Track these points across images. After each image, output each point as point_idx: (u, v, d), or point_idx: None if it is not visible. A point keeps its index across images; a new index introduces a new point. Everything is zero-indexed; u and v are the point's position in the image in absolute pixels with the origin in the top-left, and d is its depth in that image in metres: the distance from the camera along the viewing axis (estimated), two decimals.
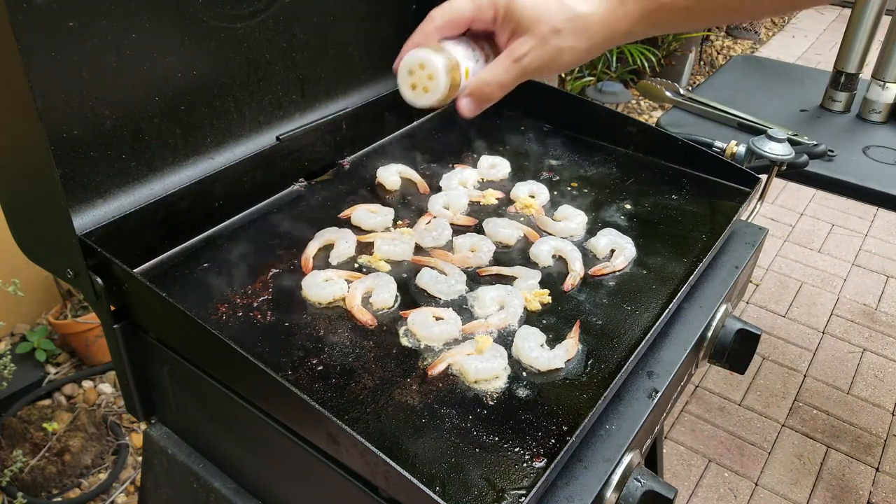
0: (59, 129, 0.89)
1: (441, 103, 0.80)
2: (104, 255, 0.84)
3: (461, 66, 0.78)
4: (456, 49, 0.79)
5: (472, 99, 0.82)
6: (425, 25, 0.81)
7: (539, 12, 0.77)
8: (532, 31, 0.77)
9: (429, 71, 0.77)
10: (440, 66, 0.76)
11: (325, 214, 1.16)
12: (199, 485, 0.96)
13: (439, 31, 0.81)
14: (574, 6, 0.77)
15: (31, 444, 2.00)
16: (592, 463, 0.79)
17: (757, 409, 2.43)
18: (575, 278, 1.03)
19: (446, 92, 0.78)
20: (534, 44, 0.78)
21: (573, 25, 0.77)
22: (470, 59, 0.80)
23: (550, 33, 0.77)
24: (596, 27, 0.77)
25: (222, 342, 0.75)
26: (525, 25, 0.77)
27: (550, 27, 0.77)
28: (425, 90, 0.79)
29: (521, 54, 0.78)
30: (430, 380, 0.86)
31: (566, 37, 0.77)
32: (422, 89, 0.79)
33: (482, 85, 0.81)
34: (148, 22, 0.94)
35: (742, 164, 1.37)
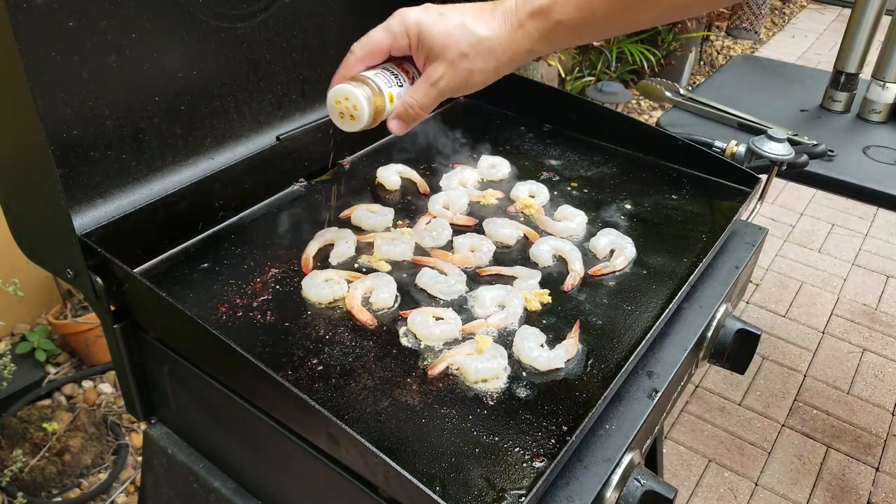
0: (59, 129, 0.89)
1: (369, 127, 0.88)
2: (104, 255, 0.84)
3: (384, 92, 0.87)
4: (379, 77, 0.88)
5: (400, 120, 0.91)
6: (348, 58, 0.90)
7: (446, 39, 0.85)
8: (442, 56, 0.85)
9: (352, 102, 0.85)
10: (362, 98, 0.85)
11: (325, 214, 1.16)
12: (199, 485, 0.96)
13: (361, 61, 0.89)
14: (476, 31, 0.84)
15: (31, 444, 2.00)
16: (592, 463, 0.79)
17: (757, 409, 2.43)
18: (575, 278, 1.03)
19: (371, 118, 0.87)
20: (445, 68, 0.86)
21: (478, 49, 0.84)
22: (394, 85, 0.88)
23: (459, 58, 0.85)
24: (499, 49, 0.85)
25: (222, 342, 0.75)
26: (436, 52, 0.86)
27: (458, 52, 0.85)
28: (352, 118, 0.87)
29: (436, 78, 0.87)
30: (430, 380, 0.86)
31: (473, 60, 0.85)
32: (349, 117, 0.87)
33: (406, 108, 0.90)
34: (148, 22, 0.94)
35: (742, 164, 1.37)
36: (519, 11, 0.84)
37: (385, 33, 0.88)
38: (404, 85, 0.89)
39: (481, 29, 0.84)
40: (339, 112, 0.87)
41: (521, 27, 0.84)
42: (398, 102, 0.89)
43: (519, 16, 0.84)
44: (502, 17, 0.85)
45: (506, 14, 0.85)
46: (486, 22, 0.85)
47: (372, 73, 0.88)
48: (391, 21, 0.88)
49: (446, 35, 0.84)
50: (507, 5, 0.85)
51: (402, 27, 0.87)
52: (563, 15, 0.82)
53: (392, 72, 0.89)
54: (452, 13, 0.86)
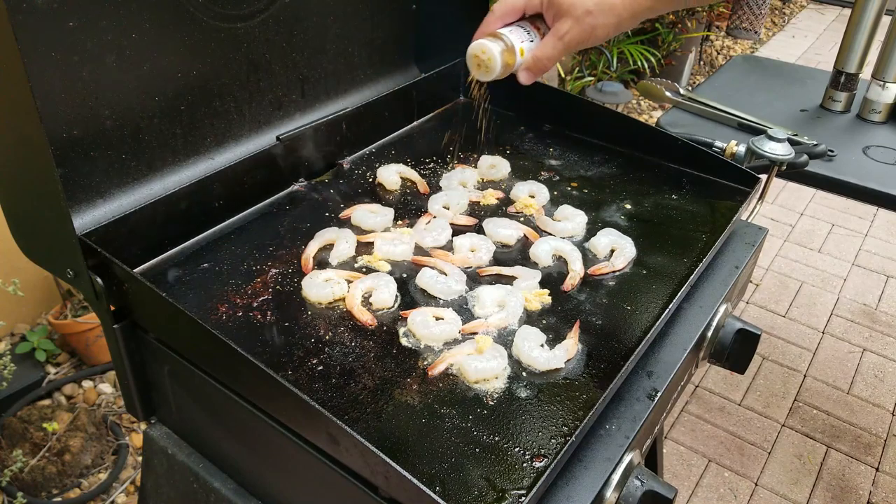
0: (59, 129, 0.89)
1: (502, 76, 1.00)
2: (104, 255, 0.84)
3: (516, 47, 0.98)
4: (512, 34, 0.98)
5: (529, 71, 1.01)
6: (488, 17, 1.01)
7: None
8: (569, 13, 0.95)
9: (488, 55, 0.97)
10: (496, 52, 0.96)
11: (325, 214, 1.16)
12: (199, 485, 0.96)
13: (499, 19, 1.00)
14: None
15: (31, 444, 2.00)
16: (592, 463, 0.79)
17: (757, 409, 2.43)
18: (575, 278, 1.03)
19: (502, 70, 0.98)
20: (571, 23, 0.96)
21: (601, 7, 0.94)
22: (525, 40, 0.99)
23: (584, 14, 0.95)
24: (620, 6, 0.94)
25: (222, 342, 0.75)
26: (564, 10, 0.96)
27: (584, 9, 0.95)
28: (486, 69, 0.98)
29: (563, 33, 0.97)
30: (430, 380, 0.86)
31: (597, 16, 0.95)
32: (484, 68, 0.98)
33: (536, 60, 1.00)
34: (148, 22, 0.94)
35: (742, 164, 1.37)
36: None
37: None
38: (535, 40, 1.00)
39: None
40: (476, 64, 0.99)
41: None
42: (528, 55, 0.99)
43: None
44: None
45: None
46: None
47: (507, 29, 0.99)
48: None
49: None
50: None
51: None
52: None
53: (524, 28, 0.99)
54: None
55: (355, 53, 1.32)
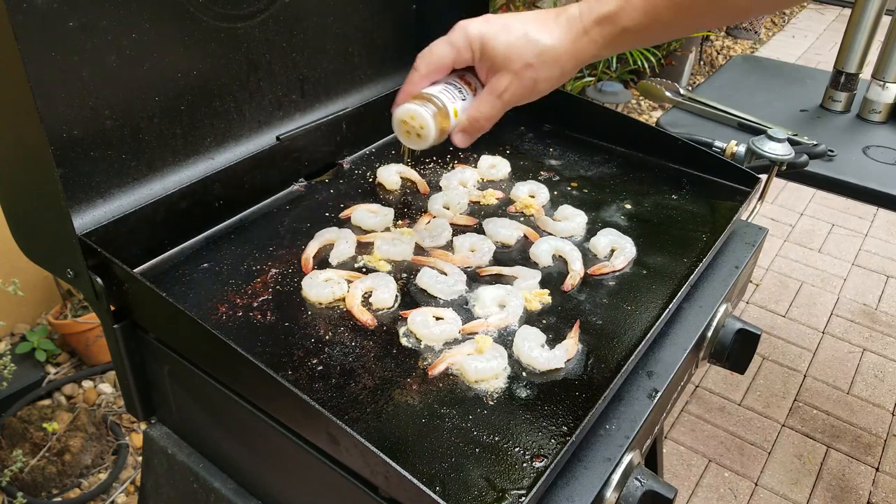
0: (59, 129, 0.89)
1: (436, 143, 0.90)
2: (104, 255, 0.84)
3: (449, 108, 0.88)
4: (443, 94, 0.89)
5: (465, 133, 0.92)
6: (412, 76, 0.91)
7: (510, 50, 0.85)
8: (507, 67, 0.86)
9: (419, 122, 0.87)
10: (428, 117, 0.86)
11: (325, 214, 1.16)
12: (199, 485, 0.96)
13: (425, 78, 0.90)
14: (541, 40, 0.84)
15: (31, 444, 2.00)
16: (592, 463, 0.79)
17: (757, 409, 2.43)
18: (575, 278, 1.03)
19: (437, 136, 0.88)
20: (510, 79, 0.87)
21: (543, 59, 0.85)
22: (457, 99, 0.89)
23: (524, 68, 0.85)
24: (564, 57, 0.85)
25: (222, 342, 0.75)
26: (500, 63, 0.86)
27: (523, 62, 0.85)
28: (419, 137, 0.88)
29: (501, 89, 0.88)
30: (430, 380, 0.86)
31: (539, 69, 0.85)
32: (415, 136, 0.89)
33: (472, 121, 0.90)
34: (148, 22, 0.94)
35: (742, 164, 1.37)
36: (584, 19, 0.84)
37: (448, 48, 0.88)
38: (467, 98, 0.90)
39: (545, 38, 0.84)
40: (405, 131, 0.89)
41: (587, 34, 0.84)
42: (463, 116, 0.90)
43: (584, 23, 0.84)
44: (567, 24, 0.84)
45: (570, 21, 0.84)
46: (549, 30, 0.84)
47: (436, 89, 0.89)
48: (453, 35, 0.88)
49: (510, 46, 0.85)
50: (571, 12, 0.85)
51: (466, 41, 0.87)
52: (629, 21, 0.82)
53: (455, 85, 0.90)
54: (515, 23, 0.86)
55: (355, 53, 1.32)
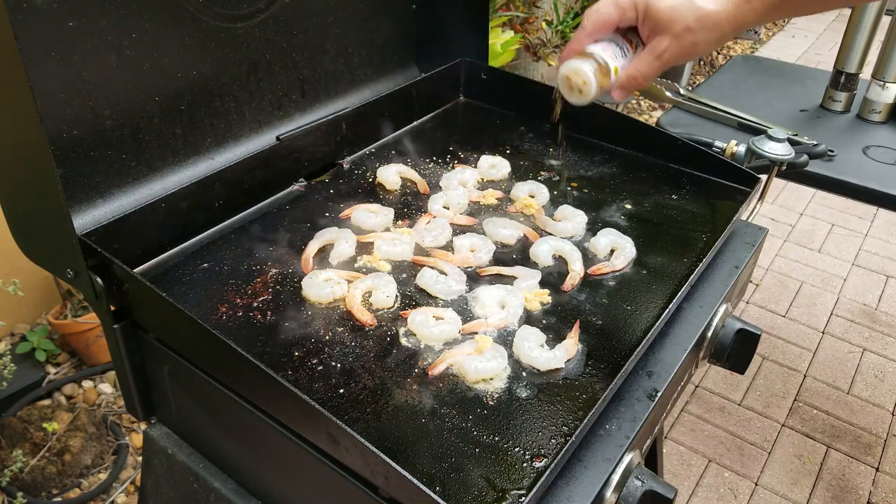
0: (59, 129, 0.89)
1: (595, 99, 0.94)
2: (104, 255, 0.84)
3: (610, 66, 0.92)
4: (605, 51, 0.92)
5: (624, 89, 0.95)
6: (578, 33, 0.94)
7: (672, 13, 0.88)
8: (668, 30, 0.89)
9: (582, 77, 0.91)
10: (590, 74, 0.90)
11: (325, 214, 1.16)
12: (199, 485, 0.96)
13: (590, 35, 0.93)
14: (703, 5, 0.87)
15: (31, 444, 2.00)
16: (592, 463, 0.79)
17: (757, 409, 2.43)
18: (575, 278, 1.03)
19: (597, 93, 0.92)
20: (670, 41, 0.90)
21: (704, 23, 0.87)
22: (618, 57, 0.93)
23: (684, 31, 0.88)
24: (724, 22, 0.88)
25: (222, 342, 0.75)
26: (662, 25, 0.89)
27: (684, 26, 0.88)
28: (580, 92, 0.92)
29: (661, 51, 0.91)
30: (430, 380, 0.86)
31: (698, 32, 0.88)
32: (577, 91, 0.93)
33: (630, 78, 0.94)
34: (148, 22, 0.94)
35: (742, 164, 1.37)
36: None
37: (614, 8, 0.91)
38: (628, 55, 0.94)
39: (708, 3, 0.87)
40: (568, 86, 0.93)
41: (749, 2, 0.86)
42: (622, 72, 0.93)
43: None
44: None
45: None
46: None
47: (599, 46, 0.92)
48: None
49: (672, 10, 0.87)
50: None
51: (631, 2, 0.90)
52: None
53: (617, 44, 0.93)
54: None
55: (355, 53, 1.32)
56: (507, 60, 2.47)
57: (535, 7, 2.97)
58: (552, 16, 3.16)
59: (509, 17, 2.78)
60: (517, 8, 2.88)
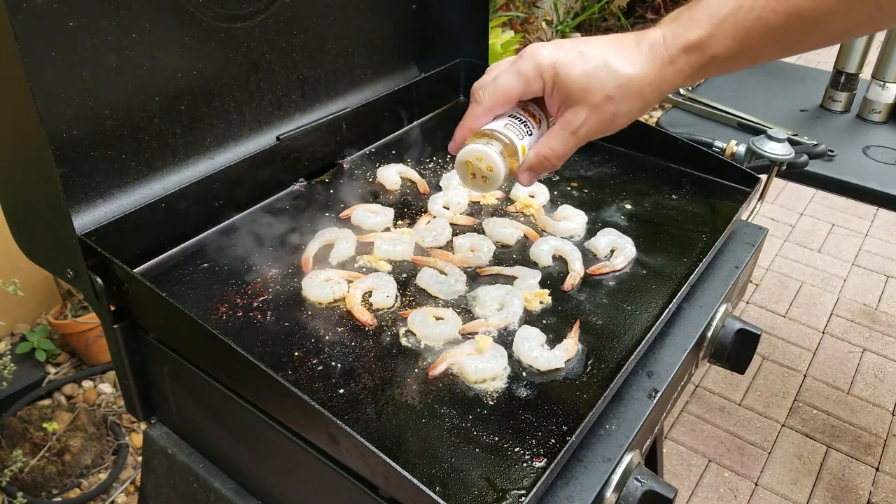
0: (59, 129, 0.89)
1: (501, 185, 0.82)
2: (104, 255, 0.84)
3: (517, 146, 0.80)
4: (508, 129, 0.81)
5: (533, 171, 0.84)
6: (474, 110, 0.82)
7: (588, 81, 0.77)
8: (584, 100, 0.77)
9: (486, 163, 0.79)
10: (496, 157, 0.78)
11: (325, 214, 1.16)
12: (199, 485, 0.96)
13: (489, 112, 0.81)
14: (622, 70, 0.76)
15: (31, 444, 2.00)
16: (592, 463, 0.79)
17: (757, 409, 2.43)
18: (575, 278, 1.03)
19: (505, 177, 0.80)
20: (587, 113, 0.78)
21: (625, 91, 0.77)
22: (524, 134, 0.81)
23: (603, 101, 0.77)
24: (647, 88, 0.77)
25: (222, 342, 0.75)
26: (575, 96, 0.78)
27: (603, 95, 0.77)
28: (485, 180, 0.81)
29: (577, 125, 0.79)
30: (430, 380, 0.86)
31: (619, 102, 0.77)
32: (481, 179, 0.81)
33: (542, 159, 0.82)
34: (148, 22, 0.94)
35: (742, 164, 1.37)
36: (669, 46, 0.76)
37: (516, 78, 0.80)
38: (533, 132, 0.83)
39: (627, 67, 0.76)
40: (469, 173, 0.81)
41: (673, 63, 0.76)
42: (530, 153, 0.82)
43: (670, 51, 0.76)
44: (650, 51, 0.77)
45: (654, 49, 0.77)
46: (631, 58, 0.77)
47: (499, 124, 0.81)
48: (522, 63, 0.79)
49: (588, 77, 0.76)
50: (653, 38, 0.77)
51: (536, 70, 0.79)
52: (720, 49, 0.74)
53: (520, 119, 0.82)
54: (591, 50, 0.77)
55: (355, 53, 1.32)
56: None
57: (535, 7, 2.97)
58: (552, 16, 3.16)
59: (509, 17, 2.78)
60: (517, 8, 2.88)
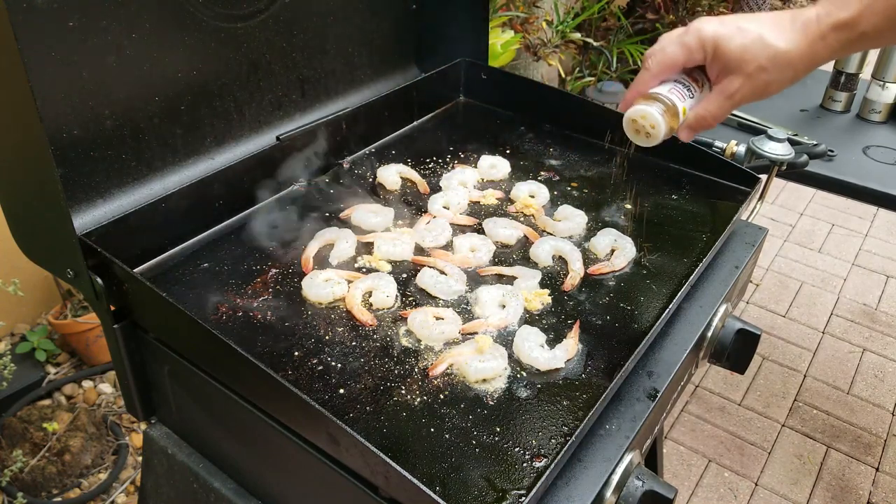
0: (59, 129, 0.89)
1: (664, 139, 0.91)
2: (104, 255, 0.84)
3: (678, 107, 0.88)
4: (672, 93, 0.89)
5: (692, 130, 0.92)
6: (642, 75, 0.90)
7: (745, 52, 0.84)
8: (740, 69, 0.85)
9: (650, 121, 0.88)
10: (659, 117, 0.87)
11: (325, 214, 1.16)
12: (199, 485, 0.96)
13: (656, 77, 0.90)
14: (775, 44, 0.83)
15: (31, 444, 2.00)
16: (592, 463, 0.79)
17: (757, 409, 2.43)
18: (575, 278, 1.03)
19: (666, 134, 0.89)
20: (742, 81, 0.86)
21: (777, 63, 0.84)
22: (686, 98, 0.90)
23: (757, 70, 0.84)
24: (797, 61, 0.84)
25: (222, 342, 0.75)
26: (733, 66, 0.85)
27: (756, 65, 0.84)
28: (648, 136, 0.89)
29: (732, 91, 0.87)
30: (430, 380, 0.86)
31: (771, 72, 0.84)
32: (645, 135, 0.90)
33: (700, 119, 0.91)
34: (148, 22, 0.94)
35: (742, 164, 1.37)
36: (821, 23, 0.82)
37: (680, 49, 0.88)
38: (695, 95, 0.90)
39: (781, 42, 0.83)
40: (634, 129, 0.90)
41: (823, 39, 0.82)
42: (691, 113, 0.90)
43: (821, 28, 0.82)
44: (803, 28, 0.83)
45: (807, 25, 0.83)
46: (785, 34, 0.83)
47: (665, 88, 0.89)
48: (686, 36, 0.88)
49: (744, 49, 0.84)
50: (808, 16, 0.83)
51: (699, 42, 0.87)
52: (869, 26, 0.80)
53: (683, 83, 0.90)
54: (750, 25, 0.85)
55: (355, 53, 1.32)
56: (507, 60, 2.47)
57: (535, 7, 2.97)
58: (552, 16, 3.16)
59: (509, 17, 2.78)
60: (517, 8, 2.88)
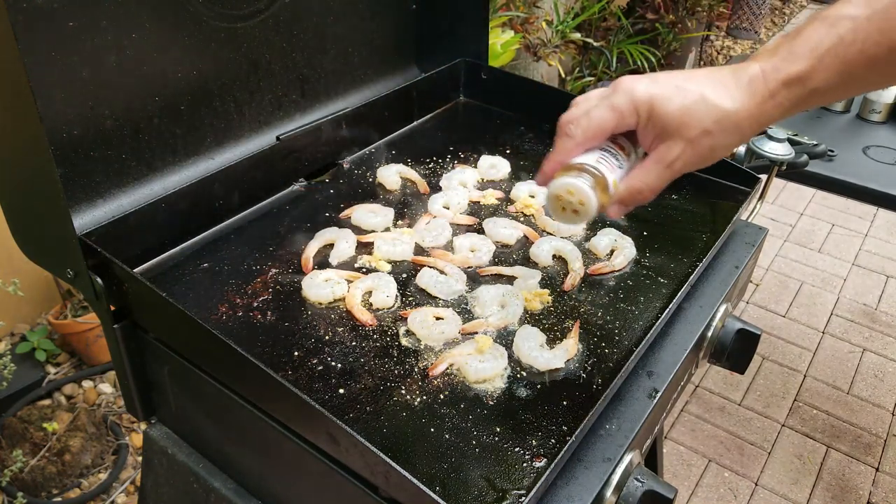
0: (59, 129, 0.89)
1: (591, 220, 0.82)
2: (104, 255, 0.84)
3: (609, 180, 0.79)
4: (600, 163, 0.79)
5: (624, 205, 0.82)
6: (565, 143, 0.80)
7: (685, 115, 0.75)
8: (680, 134, 0.76)
9: (578, 196, 0.78)
10: (589, 191, 0.77)
11: (325, 214, 1.16)
12: (199, 485, 0.96)
13: (580, 146, 0.80)
14: (721, 105, 0.75)
15: (31, 444, 2.00)
16: (592, 463, 0.79)
17: (757, 409, 2.43)
18: (575, 278, 1.03)
19: (596, 212, 0.80)
20: (683, 147, 0.77)
21: (722, 125, 0.75)
22: (615, 169, 0.80)
23: (701, 135, 0.76)
24: (745, 122, 0.76)
25: (222, 342, 0.75)
26: (672, 130, 0.76)
27: (700, 129, 0.75)
28: (576, 213, 0.80)
29: (672, 159, 0.78)
30: (430, 380, 0.86)
31: (717, 136, 0.76)
32: (571, 212, 0.80)
33: (634, 192, 0.80)
34: (148, 22, 0.94)
35: (742, 164, 1.37)
36: (769, 79, 0.74)
37: (610, 112, 0.78)
38: (624, 165, 0.81)
39: (726, 101, 0.75)
40: (559, 207, 0.80)
41: (773, 97, 0.75)
42: (622, 186, 0.81)
43: (769, 85, 0.74)
44: (749, 85, 0.75)
45: (753, 83, 0.75)
46: (729, 92, 0.75)
47: (591, 157, 0.80)
48: (616, 98, 0.78)
49: (685, 111, 0.75)
50: (752, 72, 0.75)
51: (631, 105, 0.77)
52: (821, 82, 0.73)
53: (610, 152, 0.81)
54: (688, 84, 0.76)
55: (355, 53, 1.32)
56: (507, 60, 2.47)
57: (535, 7, 2.97)
58: (552, 16, 3.16)
59: (509, 17, 2.78)
60: (517, 8, 2.88)
